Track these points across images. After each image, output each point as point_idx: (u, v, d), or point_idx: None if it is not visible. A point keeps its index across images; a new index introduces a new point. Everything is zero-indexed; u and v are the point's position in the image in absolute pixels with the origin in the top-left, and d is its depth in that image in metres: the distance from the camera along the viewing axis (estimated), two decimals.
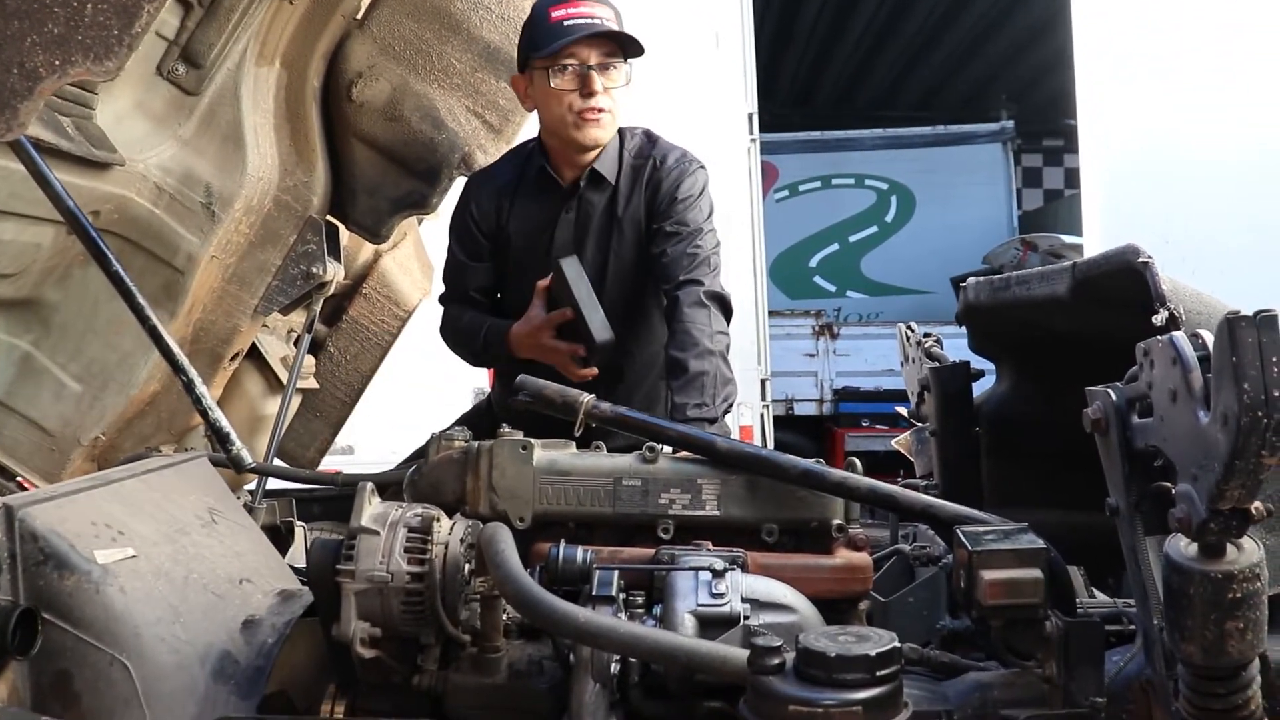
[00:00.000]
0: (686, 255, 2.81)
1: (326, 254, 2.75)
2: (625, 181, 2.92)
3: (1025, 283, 1.90)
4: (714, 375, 2.65)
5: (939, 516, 1.72)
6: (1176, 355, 1.20)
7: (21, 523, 1.47)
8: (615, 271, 2.96)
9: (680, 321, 2.73)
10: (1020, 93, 13.76)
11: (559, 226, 2.95)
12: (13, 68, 1.38)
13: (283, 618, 1.66)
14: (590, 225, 2.94)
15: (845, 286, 13.03)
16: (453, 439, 1.93)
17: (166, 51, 2.37)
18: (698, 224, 2.87)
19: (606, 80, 2.78)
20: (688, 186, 2.90)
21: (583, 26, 2.72)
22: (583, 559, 1.60)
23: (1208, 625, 1.18)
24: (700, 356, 2.66)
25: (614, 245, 2.94)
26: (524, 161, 2.98)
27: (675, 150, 2.98)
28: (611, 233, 2.93)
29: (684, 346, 2.69)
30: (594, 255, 2.95)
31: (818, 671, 1.22)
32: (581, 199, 2.92)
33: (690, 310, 2.74)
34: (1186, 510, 1.18)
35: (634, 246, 2.95)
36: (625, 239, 2.93)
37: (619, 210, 2.92)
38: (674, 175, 2.90)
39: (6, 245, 2.21)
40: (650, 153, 2.95)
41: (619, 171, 2.92)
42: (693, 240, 2.83)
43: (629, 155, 2.94)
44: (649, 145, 2.97)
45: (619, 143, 2.93)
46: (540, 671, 1.62)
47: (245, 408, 3.05)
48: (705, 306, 2.75)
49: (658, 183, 2.90)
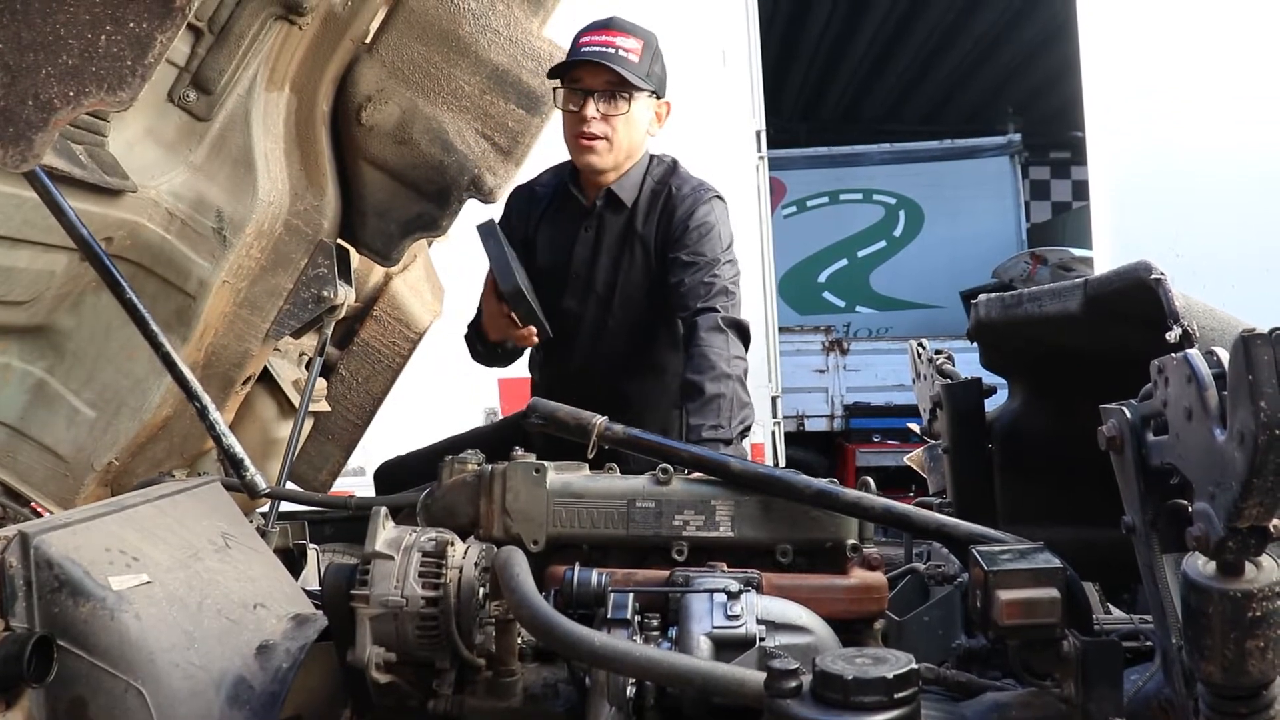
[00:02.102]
0: (703, 284, 2.84)
1: (337, 277, 2.75)
2: (643, 206, 2.98)
3: (1037, 299, 1.90)
4: (730, 398, 2.66)
5: (954, 536, 1.71)
6: (1191, 373, 1.20)
7: (36, 550, 1.47)
8: (624, 292, 3.01)
9: (697, 345, 2.75)
10: (1026, 105, 13.75)
11: (578, 243, 3.03)
12: (28, 99, 1.38)
13: (297, 642, 1.65)
14: (604, 244, 3.00)
15: (854, 302, 13.00)
16: (465, 462, 1.93)
17: (177, 78, 2.38)
18: (715, 254, 2.90)
19: (605, 107, 2.84)
20: (701, 215, 2.94)
21: (594, 53, 2.79)
22: (597, 582, 1.60)
23: (1227, 644, 1.17)
24: (716, 380, 2.67)
25: (624, 265, 2.99)
26: (559, 178, 3.13)
27: (692, 180, 3.04)
28: (623, 253, 2.98)
29: (700, 370, 2.70)
30: (607, 274, 3.00)
31: (835, 694, 1.21)
32: (600, 218, 2.99)
33: (707, 335, 2.76)
34: (1204, 528, 1.17)
35: (644, 270, 2.99)
36: (636, 261, 2.98)
37: (633, 233, 2.97)
38: (688, 204, 2.96)
39: (20, 273, 2.22)
40: (669, 180, 3.01)
41: (638, 196, 2.98)
42: (709, 270, 2.86)
43: (651, 180, 3.01)
44: (669, 173, 3.04)
45: (645, 168, 3.00)
46: (556, 695, 1.62)
47: (258, 431, 3.06)
48: (723, 332, 2.77)
49: (671, 210, 2.96)
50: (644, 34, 2.93)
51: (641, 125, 2.99)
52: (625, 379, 3.04)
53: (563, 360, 3.17)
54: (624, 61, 2.87)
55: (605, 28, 2.92)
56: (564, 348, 3.14)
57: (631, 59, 2.86)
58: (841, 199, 13.12)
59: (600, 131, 2.91)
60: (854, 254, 13.10)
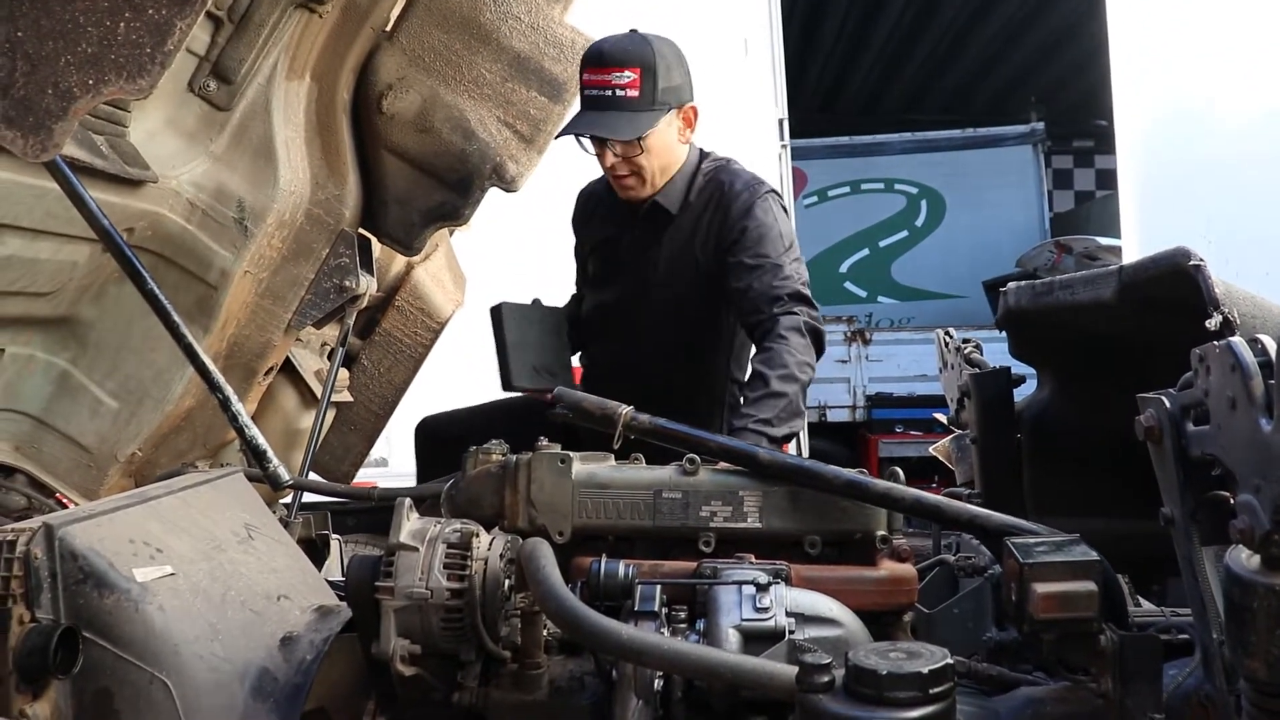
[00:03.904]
0: (774, 286, 2.80)
1: (359, 267, 2.74)
2: (695, 206, 2.95)
3: (1069, 287, 1.87)
4: (791, 401, 2.64)
5: (986, 527, 1.68)
6: (1236, 361, 1.17)
7: (61, 541, 1.46)
8: (674, 290, 2.98)
9: (776, 341, 2.71)
10: (1049, 94, 13.63)
11: (621, 248, 3.01)
12: (47, 88, 1.37)
13: (321, 634, 1.64)
14: (653, 246, 2.99)
15: (876, 292, 12.94)
16: (490, 452, 1.92)
17: (198, 68, 2.37)
18: (778, 254, 2.86)
19: (622, 150, 2.82)
20: (758, 214, 2.89)
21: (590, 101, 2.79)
22: (624, 574, 1.58)
23: (1272, 640, 1.14)
24: (785, 379, 2.65)
25: (675, 267, 2.97)
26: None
27: (745, 175, 3.00)
28: (674, 255, 2.96)
29: (772, 364, 2.67)
30: (656, 275, 3.01)
31: (868, 690, 1.19)
32: (641, 226, 2.97)
33: (789, 333, 2.72)
34: (1249, 521, 1.14)
35: (694, 269, 2.96)
36: (687, 262, 2.96)
37: (684, 234, 2.95)
38: (742, 201, 2.91)
39: (43, 264, 2.22)
40: (721, 178, 2.97)
41: (685, 201, 2.94)
42: (778, 273, 2.82)
43: (701, 179, 2.97)
44: (720, 171, 3.00)
45: (692, 170, 2.96)
46: (582, 688, 1.60)
47: (280, 422, 3.05)
48: (804, 336, 2.75)
49: (726, 208, 2.92)
50: (641, 56, 2.81)
51: (668, 144, 2.94)
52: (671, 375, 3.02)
53: (612, 355, 3.18)
54: (621, 102, 2.80)
55: (598, 65, 2.79)
56: (613, 344, 3.15)
57: (630, 95, 2.78)
58: (863, 189, 13.05)
59: (626, 171, 2.90)
60: (875, 244, 13.03)
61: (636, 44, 2.83)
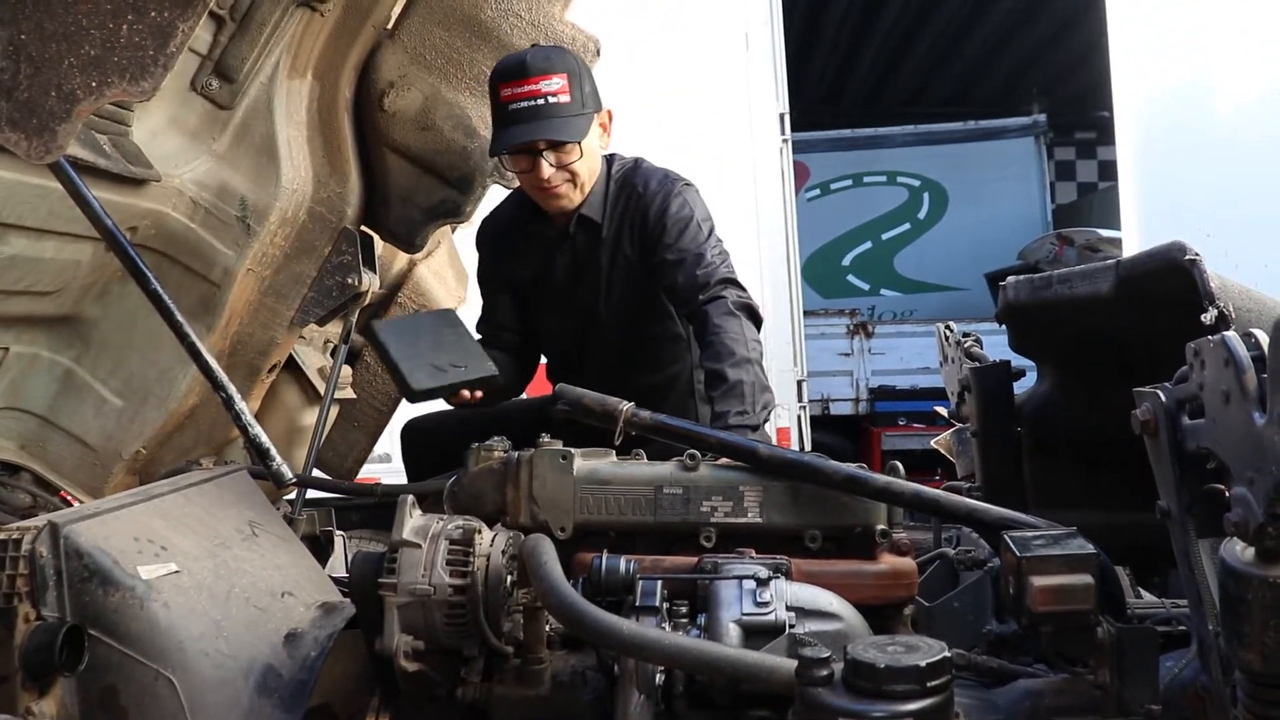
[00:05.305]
0: (698, 276, 2.78)
1: (361, 264, 2.75)
2: (613, 214, 2.91)
3: (1067, 281, 1.87)
4: (753, 383, 2.63)
5: (985, 521, 1.69)
6: (1229, 356, 1.18)
7: (66, 539, 1.48)
8: (609, 308, 2.96)
9: (713, 334, 2.70)
10: (1051, 86, 13.60)
11: (556, 269, 2.97)
12: (51, 90, 1.38)
13: (325, 631, 1.66)
14: (584, 263, 2.95)
15: (878, 285, 12.92)
16: (492, 449, 1.93)
17: (200, 67, 2.38)
18: (698, 246, 2.82)
19: (558, 158, 2.75)
20: (674, 209, 2.85)
21: (523, 113, 2.67)
22: (626, 569, 1.59)
23: (1267, 632, 1.15)
24: (737, 365, 2.63)
25: (605, 282, 2.94)
26: (521, 211, 3.02)
27: (657, 174, 2.94)
28: (605, 267, 2.93)
29: (720, 357, 2.66)
30: (592, 290, 2.96)
31: (867, 683, 1.20)
32: (574, 243, 2.93)
33: (722, 321, 2.71)
34: (1243, 514, 1.15)
35: (626, 280, 2.94)
36: (618, 273, 2.93)
37: (609, 244, 2.92)
38: (658, 201, 2.87)
39: (47, 263, 2.23)
40: (633, 180, 2.92)
41: (605, 208, 2.91)
42: (699, 264, 2.79)
43: (614, 186, 2.92)
44: (631, 173, 2.94)
45: (605, 177, 2.92)
46: (584, 683, 1.62)
47: (283, 419, 3.06)
48: (736, 316, 2.72)
49: (644, 210, 2.87)
50: (564, 63, 2.72)
51: (595, 150, 2.87)
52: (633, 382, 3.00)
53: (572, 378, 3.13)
54: (556, 109, 2.69)
55: (522, 77, 2.67)
56: (568, 369, 3.11)
57: (563, 100, 2.69)
58: (865, 181, 13.03)
59: (561, 180, 2.80)
60: (878, 237, 13.02)
61: (553, 53, 2.73)
